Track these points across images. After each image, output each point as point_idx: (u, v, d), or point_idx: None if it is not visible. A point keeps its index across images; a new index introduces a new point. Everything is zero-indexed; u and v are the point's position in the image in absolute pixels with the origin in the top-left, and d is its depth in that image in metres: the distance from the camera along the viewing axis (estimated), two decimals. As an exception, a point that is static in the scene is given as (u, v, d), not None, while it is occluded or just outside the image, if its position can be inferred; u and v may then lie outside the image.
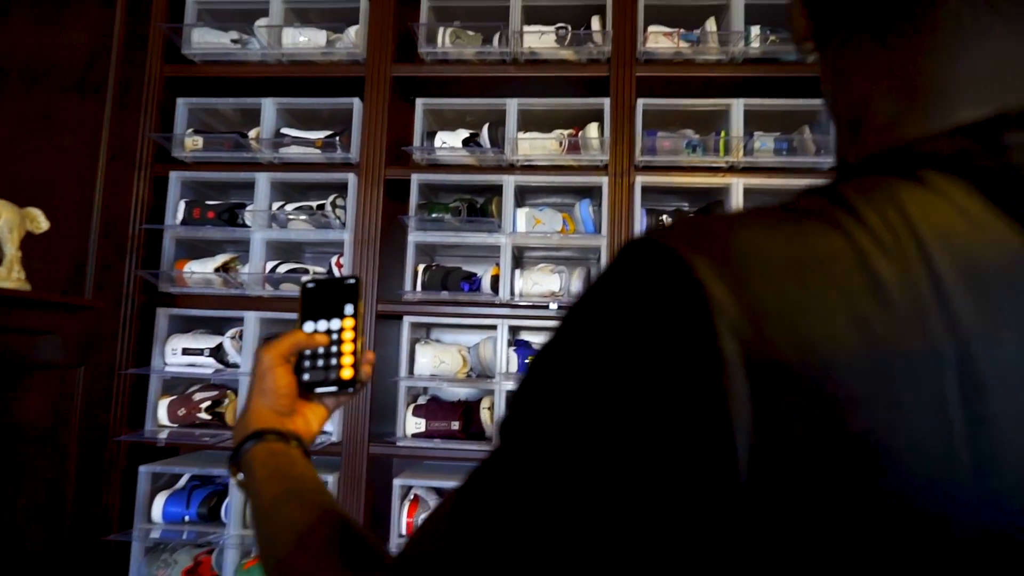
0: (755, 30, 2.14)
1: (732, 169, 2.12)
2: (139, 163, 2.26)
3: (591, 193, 2.23)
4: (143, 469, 2.10)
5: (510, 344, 2.11)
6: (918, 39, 0.38)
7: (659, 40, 2.16)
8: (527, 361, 1.97)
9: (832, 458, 0.27)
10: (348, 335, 0.79)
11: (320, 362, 0.78)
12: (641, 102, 2.11)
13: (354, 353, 0.78)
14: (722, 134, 2.13)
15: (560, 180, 2.15)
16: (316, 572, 0.51)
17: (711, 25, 2.16)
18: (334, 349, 0.78)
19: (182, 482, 2.21)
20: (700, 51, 2.15)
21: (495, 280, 2.12)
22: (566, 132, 2.23)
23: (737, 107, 2.10)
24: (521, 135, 2.17)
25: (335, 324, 0.79)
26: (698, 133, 2.22)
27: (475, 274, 2.21)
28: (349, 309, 0.80)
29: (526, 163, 2.17)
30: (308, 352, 0.78)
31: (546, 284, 2.14)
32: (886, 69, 0.39)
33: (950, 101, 0.37)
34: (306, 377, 0.77)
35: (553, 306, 2.06)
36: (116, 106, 2.21)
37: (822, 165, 2.09)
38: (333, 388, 0.77)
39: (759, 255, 0.31)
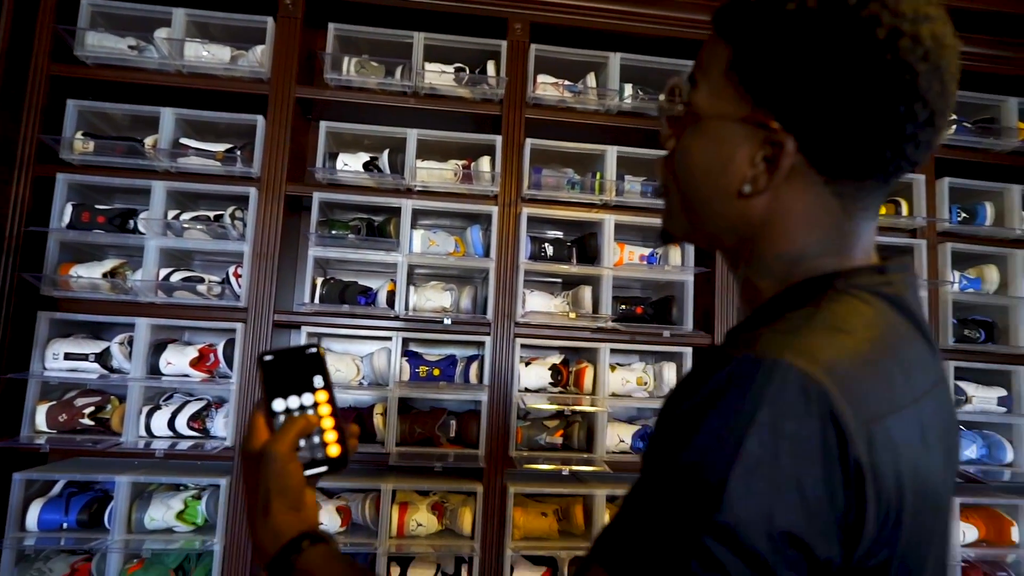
0: (628, 88, 2.47)
1: (605, 206, 2.43)
2: (20, 162, 2.19)
3: (481, 219, 2.45)
4: (17, 476, 2.04)
5: (403, 355, 2.27)
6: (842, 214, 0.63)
7: (547, 88, 2.43)
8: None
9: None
10: (325, 409, 0.76)
11: (303, 442, 0.74)
12: (529, 141, 2.37)
13: (336, 428, 0.76)
14: (598, 175, 2.43)
15: (454, 206, 2.35)
16: None
17: (591, 80, 2.46)
18: (322, 430, 0.75)
19: (57, 489, 2.16)
20: (581, 101, 2.44)
21: (391, 295, 2.27)
22: (460, 163, 2.44)
23: (611, 152, 2.41)
24: (419, 163, 2.35)
25: (307, 399, 0.75)
26: (577, 173, 2.51)
27: (371, 288, 2.35)
28: (319, 381, 0.77)
29: (423, 189, 2.35)
30: (306, 439, 0.74)
31: (438, 300, 2.33)
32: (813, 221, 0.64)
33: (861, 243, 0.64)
34: (306, 460, 0.74)
35: (447, 320, 2.25)
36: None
37: (678, 207, 2.44)
38: (324, 468, 0.74)
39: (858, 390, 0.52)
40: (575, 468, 2.26)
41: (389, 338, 2.25)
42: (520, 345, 2.30)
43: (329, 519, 2.18)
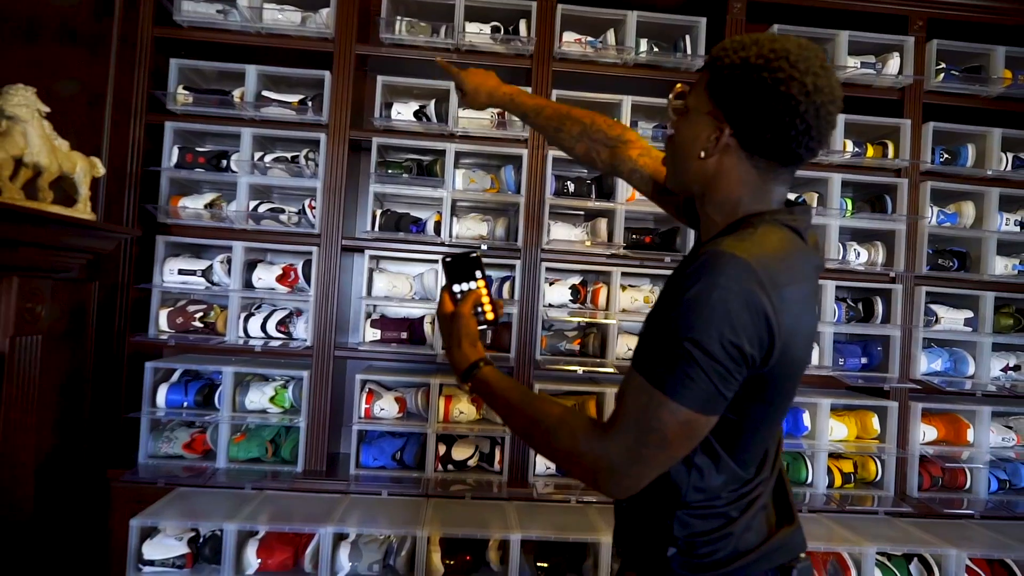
0: (643, 43, 2.80)
1: (620, 148, 2.80)
2: (134, 112, 2.67)
3: (513, 160, 2.85)
4: (148, 365, 2.61)
5: (447, 275, 2.74)
6: (762, 183, 1.02)
7: (571, 44, 2.78)
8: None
9: (785, 355, 0.94)
10: (484, 291, 1.22)
11: (479, 312, 1.20)
12: (555, 92, 2.74)
13: (491, 301, 1.22)
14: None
15: (490, 149, 2.76)
16: (580, 431, 1.00)
17: (611, 36, 2.79)
18: (483, 302, 1.21)
19: (175, 376, 2.73)
20: (601, 55, 2.79)
21: (437, 225, 2.72)
22: (496, 111, 2.83)
23: (627, 101, 2.77)
24: (461, 112, 2.75)
25: (472, 285, 1.21)
26: (597, 118, 2.87)
27: (421, 219, 2.80)
28: (478, 274, 1.22)
29: (464, 134, 2.76)
30: (476, 307, 1.21)
31: (477, 229, 2.77)
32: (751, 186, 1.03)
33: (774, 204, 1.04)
34: (476, 318, 1.20)
35: (484, 247, 2.70)
36: (119, 61, 2.61)
37: (685, 150, 2.81)
38: (485, 326, 1.21)
39: (773, 268, 0.92)
40: (590, 370, 2.73)
41: (436, 260, 2.71)
42: (545, 268, 2.74)
43: (389, 406, 2.71)
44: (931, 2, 2.89)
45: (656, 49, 2.82)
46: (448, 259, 1.23)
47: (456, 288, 1.22)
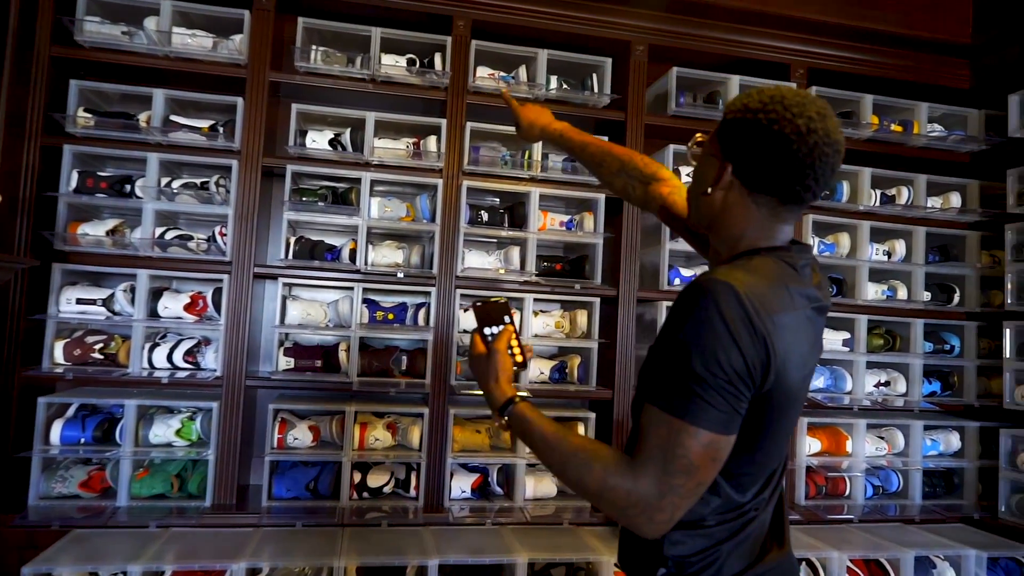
0: (553, 80, 2.94)
1: (532, 179, 2.92)
2: (29, 134, 2.55)
3: (428, 189, 2.90)
4: (42, 400, 2.48)
5: (363, 302, 2.75)
6: (767, 222, 1.11)
7: (485, 79, 2.87)
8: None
9: (780, 377, 1.01)
10: (513, 334, 1.31)
11: (511, 353, 1.29)
12: (470, 124, 2.82)
13: (520, 345, 1.30)
14: (527, 153, 2.91)
15: (405, 178, 2.81)
16: (611, 465, 1.03)
17: (523, 72, 2.92)
18: (513, 343, 1.30)
19: (71, 411, 2.59)
20: (514, 89, 2.90)
21: (352, 252, 2.74)
22: (411, 140, 2.88)
23: (537, 135, 2.89)
24: (376, 141, 2.79)
25: (499, 328, 1.30)
26: (510, 151, 2.98)
27: (336, 246, 2.80)
28: (507, 319, 1.32)
29: (379, 163, 2.79)
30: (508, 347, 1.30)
31: (392, 257, 2.81)
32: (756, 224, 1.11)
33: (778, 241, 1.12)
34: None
35: (400, 274, 2.73)
36: (12, 81, 2.49)
37: (593, 182, 2.96)
38: (515, 368, 1.28)
39: (764, 296, 1.00)
40: (504, 394, 2.80)
41: (351, 288, 2.72)
42: (460, 295, 2.81)
43: (302, 435, 2.68)
44: (810, 53, 3.19)
45: (566, 86, 2.96)
46: (479, 304, 1.32)
47: (487, 331, 1.30)
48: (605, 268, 2.97)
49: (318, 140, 2.77)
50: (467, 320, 2.85)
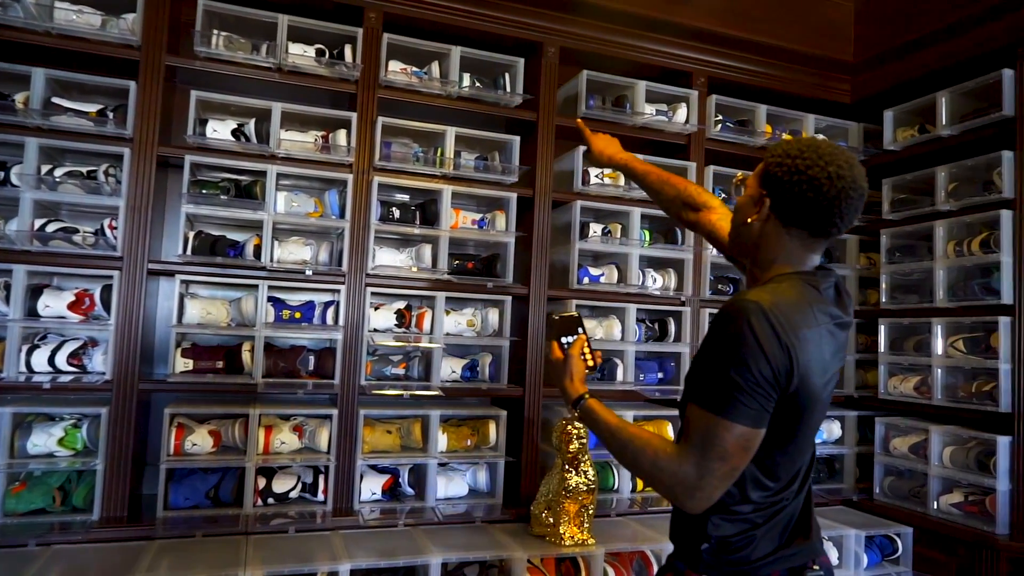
0: (466, 77, 2.93)
1: (445, 177, 2.90)
2: None
3: (337, 184, 2.82)
4: (-102, 409, 2.22)
5: (268, 300, 2.64)
6: (797, 251, 1.27)
7: (397, 73, 2.83)
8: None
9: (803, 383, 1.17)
10: (586, 342, 1.52)
11: (583, 358, 1.50)
12: (381, 119, 2.77)
13: (592, 352, 1.52)
14: (439, 151, 2.89)
15: (313, 173, 2.72)
16: (661, 452, 1.21)
17: (435, 68, 2.89)
18: (585, 350, 1.50)
19: (-66, 421, 2.34)
20: (426, 85, 2.87)
21: (257, 248, 2.62)
22: (320, 134, 2.79)
23: (450, 132, 2.87)
24: (282, 133, 2.68)
25: (573, 338, 1.51)
26: (422, 148, 2.95)
27: (239, 242, 2.68)
28: (580, 330, 1.53)
29: (286, 156, 2.69)
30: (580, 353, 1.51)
31: (299, 253, 2.71)
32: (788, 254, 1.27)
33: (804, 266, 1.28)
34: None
35: (307, 271, 2.64)
36: None
37: (505, 181, 2.97)
38: (587, 370, 1.49)
39: (788, 313, 1.17)
40: (415, 394, 2.78)
41: (255, 286, 2.61)
42: (370, 293, 2.75)
43: (202, 441, 2.55)
44: (711, 63, 3.33)
45: (478, 84, 2.96)
46: (556, 317, 1.57)
47: (563, 340, 1.53)
48: (516, 267, 2.99)
49: (220, 130, 2.63)
50: (377, 318, 2.80)
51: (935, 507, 3.06)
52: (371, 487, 2.76)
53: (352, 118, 2.74)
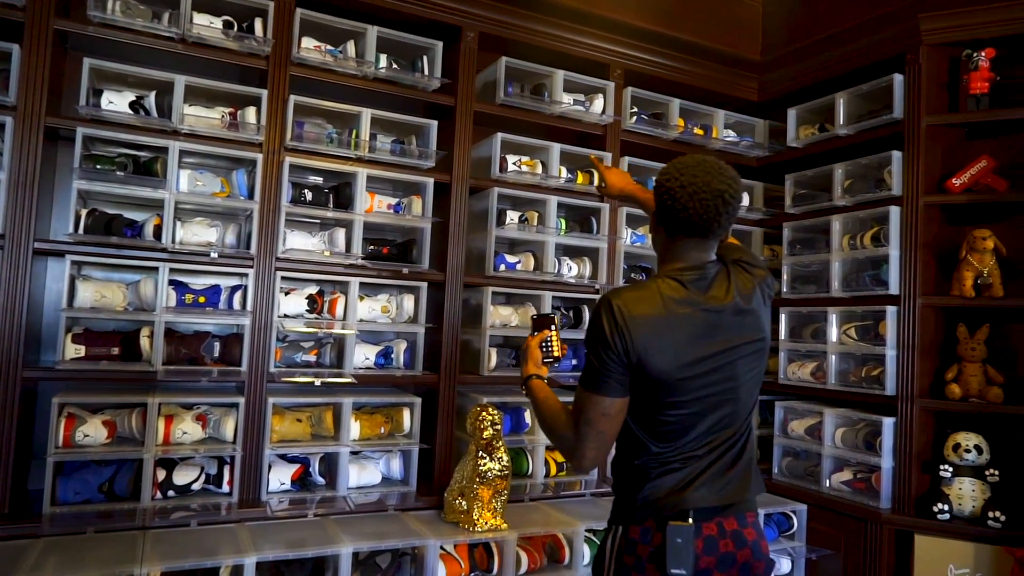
0: (383, 58, 2.86)
1: (360, 160, 2.83)
2: None
3: (246, 164, 2.71)
4: None
5: (169, 284, 2.51)
6: (676, 251, 1.52)
7: (310, 50, 2.73)
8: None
9: (643, 361, 1.42)
10: (555, 337, 1.83)
11: (546, 348, 1.81)
12: (293, 97, 2.67)
13: (559, 343, 1.83)
14: (354, 132, 2.82)
15: (221, 151, 2.60)
16: (564, 424, 1.52)
17: (351, 47, 2.81)
18: (551, 343, 1.81)
19: None
20: (341, 65, 2.78)
21: (157, 228, 2.48)
22: (227, 110, 2.67)
23: (366, 114, 2.81)
24: (186, 107, 2.55)
25: (548, 332, 1.83)
26: (337, 129, 2.87)
27: (137, 222, 2.53)
28: (551, 327, 1.84)
29: (190, 132, 2.55)
30: (543, 343, 1.81)
31: (204, 235, 2.59)
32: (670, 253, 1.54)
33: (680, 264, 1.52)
34: (543, 352, 1.80)
35: (212, 254, 2.53)
36: None
37: (422, 165, 2.94)
38: (551, 359, 1.81)
39: (630, 304, 1.43)
40: (327, 381, 2.72)
41: (156, 268, 2.47)
42: (280, 277, 2.66)
43: (95, 432, 2.40)
44: (628, 56, 3.39)
45: (395, 66, 2.90)
46: (534, 316, 1.93)
47: (535, 333, 1.84)
48: (433, 253, 2.96)
49: (116, 102, 2.47)
50: (288, 304, 2.72)
51: (827, 485, 3.25)
52: (280, 477, 2.68)
53: (262, 95, 2.64)
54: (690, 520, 1.43)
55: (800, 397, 3.53)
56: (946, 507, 2.83)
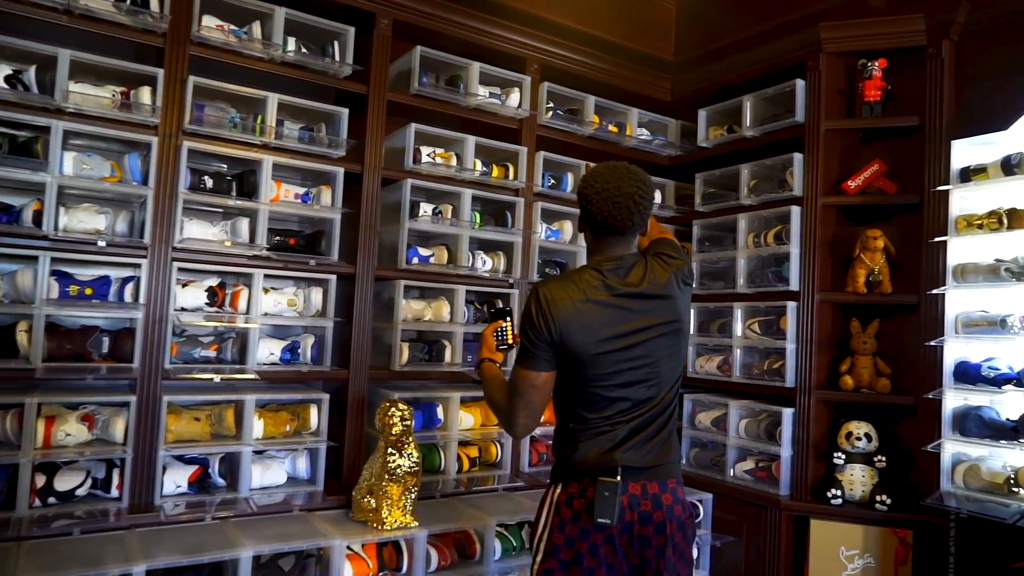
0: (292, 41, 2.75)
1: (265, 147, 2.71)
2: None
3: (140, 147, 2.54)
4: None
5: (51, 274, 2.33)
6: (598, 246, 1.75)
7: (212, 30, 2.59)
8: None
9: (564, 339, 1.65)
10: (509, 326, 2.01)
11: (500, 336, 2.00)
12: (192, 78, 2.53)
13: (513, 332, 2.00)
14: (259, 118, 2.69)
15: (111, 132, 2.43)
16: (501, 395, 1.79)
17: (257, 29, 2.68)
18: (506, 332, 2.00)
19: None
20: (246, 46, 2.65)
21: (37, 214, 2.29)
22: (119, 89, 2.49)
23: (273, 98, 2.69)
24: (72, 84, 2.37)
25: (503, 323, 2.00)
26: (242, 113, 2.73)
27: (14, 206, 2.33)
28: (508, 318, 2.02)
29: (76, 111, 2.37)
30: (498, 332, 2.00)
31: (92, 222, 2.41)
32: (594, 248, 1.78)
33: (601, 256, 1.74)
34: (498, 340, 2.00)
35: (101, 242, 2.36)
36: None
37: (332, 154, 2.84)
38: (505, 346, 2.00)
39: (553, 291, 1.68)
40: (228, 378, 2.59)
41: (36, 257, 2.28)
42: (177, 268, 2.51)
43: (-37, 434, 2.20)
44: (545, 51, 3.39)
45: (304, 50, 2.79)
46: (492, 309, 2.27)
47: (492, 322, 2.04)
48: (343, 245, 2.88)
49: (-11, 75, 2.27)
50: (185, 296, 2.58)
51: (731, 474, 3.36)
52: (176, 479, 2.54)
53: (159, 75, 2.48)
54: (618, 477, 1.61)
55: (708, 390, 3.64)
56: (839, 492, 2.98)
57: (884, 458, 2.99)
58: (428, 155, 3.06)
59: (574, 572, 1.63)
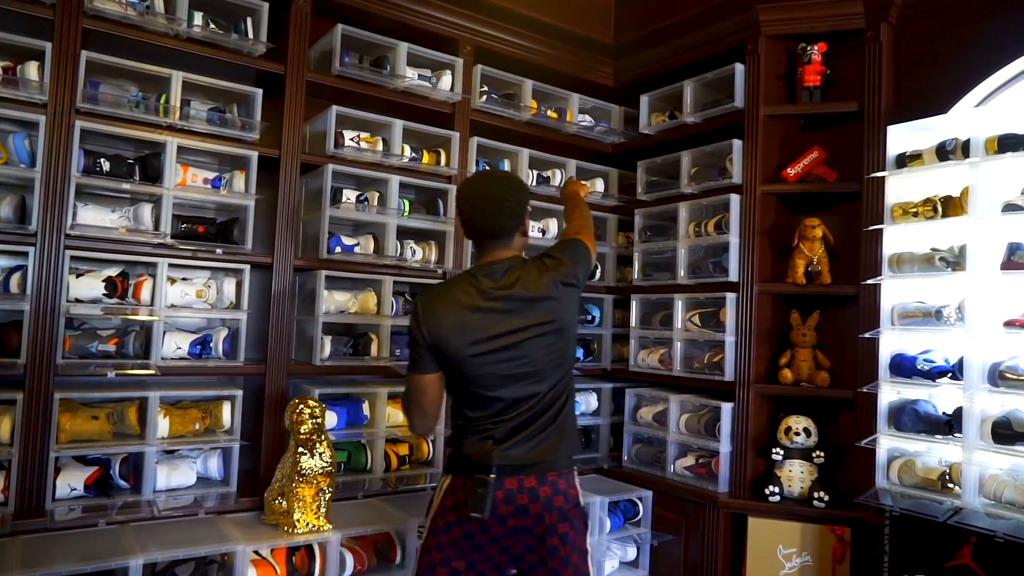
0: (198, 16, 2.59)
1: (171, 128, 2.55)
2: None
3: (28, 127, 2.37)
4: None
5: (-76, 263, 2.16)
6: (479, 251, 1.86)
7: (107, 1, 2.41)
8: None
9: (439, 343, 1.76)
10: None
11: None
12: (85, 53, 2.36)
13: None
14: (163, 96, 2.53)
15: (-8, 110, 2.25)
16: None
17: (159, 2, 2.51)
18: None
19: None
20: (148, 21, 2.49)
21: (-93, 198, 2.12)
22: (2, 64, 2.32)
23: (177, 76, 2.53)
24: (-53, 57, 2.19)
25: None
26: (146, 93, 2.57)
27: None
28: None
29: (-48, 86, 2.20)
30: None
31: (-29, 208, 2.24)
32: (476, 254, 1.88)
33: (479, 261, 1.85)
34: None
35: (-24, 230, 2.19)
36: None
37: (245, 137, 2.69)
38: None
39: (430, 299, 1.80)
40: (128, 373, 2.44)
41: (-96, 244, 2.11)
42: (71, 257, 2.35)
43: None
44: (479, 32, 3.26)
45: (214, 26, 2.63)
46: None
47: None
48: (259, 233, 2.73)
49: None
50: (80, 287, 2.41)
51: (672, 471, 3.27)
52: (70, 481, 2.38)
53: (47, 48, 2.31)
54: (492, 475, 1.68)
55: (649, 384, 3.54)
56: (777, 489, 2.90)
57: (822, 454, 2.91)
58: (352, 139, 2.91)
59: (450, 553, 1.76)
